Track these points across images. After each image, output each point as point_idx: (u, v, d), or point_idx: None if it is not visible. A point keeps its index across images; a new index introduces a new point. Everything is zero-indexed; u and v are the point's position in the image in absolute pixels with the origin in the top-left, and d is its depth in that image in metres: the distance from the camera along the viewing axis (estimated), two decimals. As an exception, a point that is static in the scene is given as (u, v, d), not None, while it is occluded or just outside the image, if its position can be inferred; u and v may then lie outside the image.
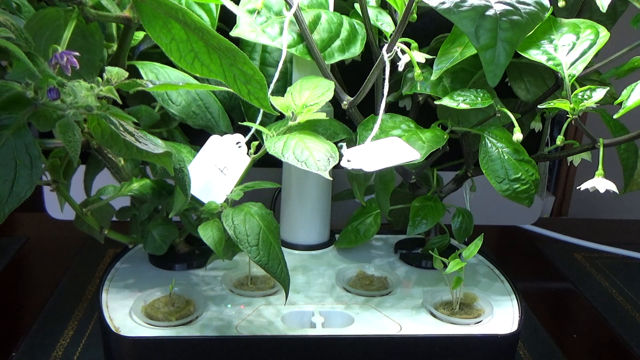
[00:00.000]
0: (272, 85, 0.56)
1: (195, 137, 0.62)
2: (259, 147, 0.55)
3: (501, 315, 0.58)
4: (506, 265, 0.78)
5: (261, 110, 0.57)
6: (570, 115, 0.53)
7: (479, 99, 0.55)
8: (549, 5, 0.51)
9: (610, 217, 1.52)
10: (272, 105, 0.52)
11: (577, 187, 0.55)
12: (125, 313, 0.55)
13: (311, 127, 0.55)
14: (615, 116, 0.51)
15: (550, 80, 0.62)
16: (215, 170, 0.56)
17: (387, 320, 0.56)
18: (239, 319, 0.55)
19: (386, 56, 0.53)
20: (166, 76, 0.57)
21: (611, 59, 0.59)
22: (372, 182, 0.67)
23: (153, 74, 0.56)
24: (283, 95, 0.55)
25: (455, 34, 0.55)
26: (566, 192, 1.67)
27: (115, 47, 0.54)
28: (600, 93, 0.52)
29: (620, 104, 0.50)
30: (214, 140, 0.56)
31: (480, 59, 0.26)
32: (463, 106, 0.54)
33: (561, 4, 0.59)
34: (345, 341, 0.53)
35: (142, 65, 0.56)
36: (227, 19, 0.57)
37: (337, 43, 0.59)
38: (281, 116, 0.55)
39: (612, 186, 0.53)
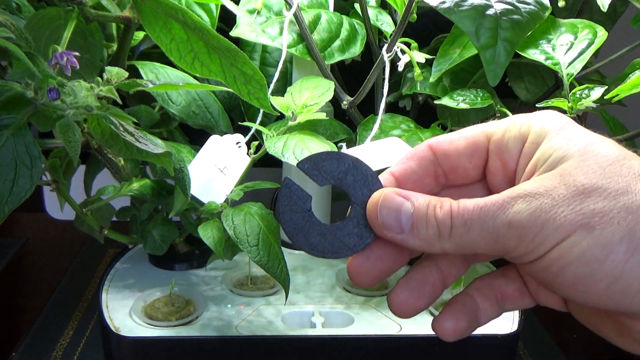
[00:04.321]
0: (272, 85, 0.56)
1: (195, 137, 0.62)
2: (259, 147, 0.55)
3: (501, 315, 0.58)
4: (506, 265, 0.78)
5: (261, 110, 0.57)
6: (568, 114, 0.53)
7: (479, 98, 0.55)
8: (549, 5, 0.51)
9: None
10: (272, 105, 0.52)
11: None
12: (125, 313, 0.55)
13: (311, 127, 0.55)
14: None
15: (550, 80, 0.62)
16: (215, 170, 0.56)
17: (387, 320, 0.56)
18: (239, 319, 0.55)
19: (386, 56, 0.53)
20: (166, 76, 0.57)
21: (611, 59, 0.59)
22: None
23: (153, 74, 0.56)
24: (283, 95, 0.55)
25: (455, 35, 0.55)
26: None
27: (115, 47, 0.54)
28: (598, 92, 0.52)
29: (620, 101, 0.50)
30: (214, 140, 0.56)
31: (481, 58, 0.26)
32: (463, 106, 0.54)
33: (561, 4, 0.59)
34: (345, 341, 0.53)
35: (142, 65, 0.56)
36: (227, 19, 0.57)
37: (337, 43, 0.59)
38: (281, 116, 0.55)
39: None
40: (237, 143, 0.57)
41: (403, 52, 0.53)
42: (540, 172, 0.29)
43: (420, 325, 0.56)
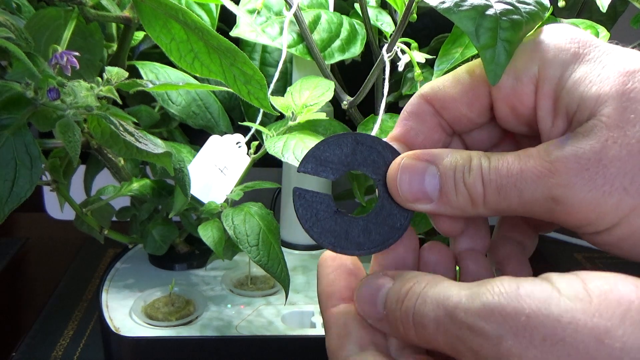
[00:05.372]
0: (272, 85, 0.56)
1: (195, 137, 0.62)
2: (259, 147, 0.55)
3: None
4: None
5: (261, 110, 0.57)
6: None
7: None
8: (549, 5, 0.51)
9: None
10: (272, 105, 0.52)
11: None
12: (125, 313, 0.55)
13: (311, 127, 0.55)
14: None
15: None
16: (215, 170, 0.56)
17: (387, 320, 0.56)
18: (239, 319, 0.55)
19: (386, 56, 0.53)
20: (166, 76, 0.57)
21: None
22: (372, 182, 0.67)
23: (153, 74, 0.56)
24: (283, 95, 0.55)
25: (456, 35, 0.55)
26: (566, 192, 1.66)
27: (115, 47, 0.54)
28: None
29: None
30: (214, 140, 0.56)
31: (481, 58, 0.26)
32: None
33: (561, 4, 0.59)
34: (345, 341, 0.53)
35: (142, 65, 0.56)
36: (227, 19, 0.57)
37: (337, 43, 0.59)
38: (281, 116, 0.55)
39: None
40: (237, 143, 0.57)
41: (403, 52, 0.53)
42: (576, 119, 0.23)
43: (420, 325, 0.56)
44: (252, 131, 0.58)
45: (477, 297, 0.21)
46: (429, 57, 0.55)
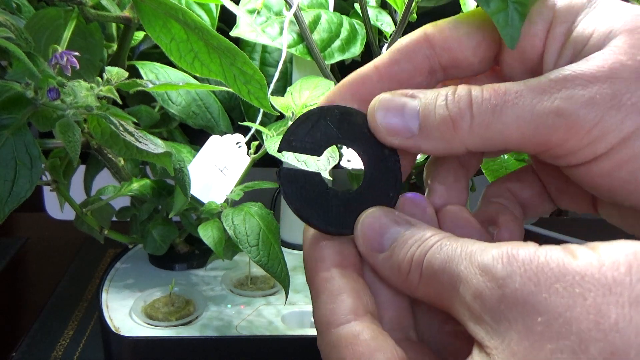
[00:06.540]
0: (272, 85, 0.56)
1: (195, 137, 0.62)
2: (259, 147, 0.55)
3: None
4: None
5: (261, 110, 0.57)
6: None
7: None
8: None
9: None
10: (272, 105, 0.52)
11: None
12: (125, 313, 0.55)
13: (311, 127, 0.55)
14: None
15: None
16: (215, 170, 0.56)
17: (387, 320, 0.56)
18: (239, 319, 0.55)
19: (386, 56, 0.53)
20: (166, 76, 0.57)
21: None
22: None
23: (153, 74, 0.56)
24: (283, 95, 0.55)
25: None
26: (566, 192, 1.66)
27: (115, 47, 0.54)
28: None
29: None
30: (214, 140, 0.56)
31: (495, 24, 0.25)
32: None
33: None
34: (345, 341, 0.53)
35: (142, 65, 0.56)
36: (227, 19, 0.57)
37: (337, 43, 0.59)
38: (281, 116, 0.55)
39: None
40: (237, 143, 0.57)
41: (403, 52, 0.53)
42: (584, 54, 0.23)
43: (420, 325, 0.56)
44: (252, 131, 0.58)
45: (497, 246, 0.21)
46: (429, 57, 0.55)
